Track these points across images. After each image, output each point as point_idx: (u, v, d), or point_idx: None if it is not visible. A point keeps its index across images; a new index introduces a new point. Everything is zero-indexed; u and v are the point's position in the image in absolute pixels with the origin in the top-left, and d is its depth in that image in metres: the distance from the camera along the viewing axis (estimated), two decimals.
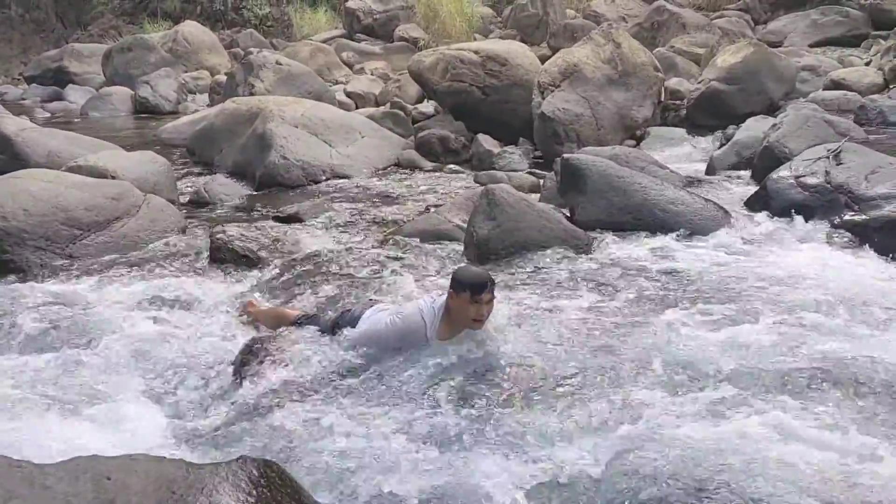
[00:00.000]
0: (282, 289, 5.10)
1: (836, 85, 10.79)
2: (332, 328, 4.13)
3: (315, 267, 5.46)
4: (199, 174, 9.06)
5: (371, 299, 4.60)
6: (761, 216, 6.01)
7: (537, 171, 8.44)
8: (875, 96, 9.75)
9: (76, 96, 15.97)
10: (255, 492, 2.35)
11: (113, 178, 7.03)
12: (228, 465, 2.41)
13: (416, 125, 10.80)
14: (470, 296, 3.77)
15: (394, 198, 7.68)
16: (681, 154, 9.06)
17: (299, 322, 4.28)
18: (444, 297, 3.91)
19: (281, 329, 4.26)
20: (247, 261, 5.61)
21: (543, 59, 10.60)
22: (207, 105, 14.17)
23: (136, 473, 2.30)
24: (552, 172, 7.00)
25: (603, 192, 6.04)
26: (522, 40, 14.61)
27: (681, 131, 9.75)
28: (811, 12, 15.01)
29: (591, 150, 7.41)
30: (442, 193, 7.77)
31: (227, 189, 8.16)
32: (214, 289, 5.13)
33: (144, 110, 14.59)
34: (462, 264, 5.10)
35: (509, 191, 5.74)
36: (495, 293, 3.89)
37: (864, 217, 5.52)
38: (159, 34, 18.48)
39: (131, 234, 6.18)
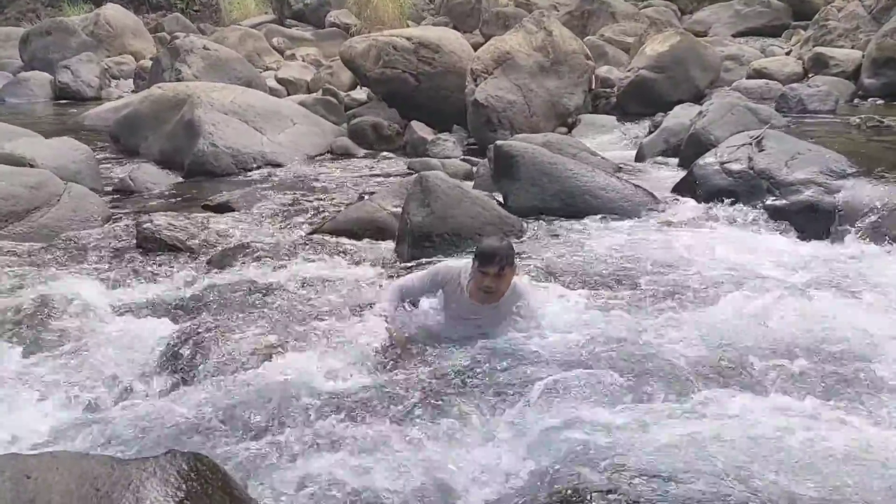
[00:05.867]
0: (211, 280, 4.98)
1: (759, 74, 11.12)
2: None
3: (247, 256, 5.35)
4: (124, 162, 8.78)
5: None
6: (689, 201, 6.16)
7: (471, 157, 8.47)
8: (795, 85, 10.08)
9: None
10: (184, 486, 2.28)
11: (31, 166, 6.76)
12: (156, 459, 2.34)
13: (348, 112, 10.71)
14: (478, 266, 3.74)
15: (327, 185, 7.60)
16: (611, 141, 9.22)
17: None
18: None
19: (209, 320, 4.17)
20: (175, 251, 5.46)
21: (476, 47, 10.63)
22: (132, 91, 13.75)
23: (57, 471, 2.21)
24: (486, 159, 7.03)
25: (535, 178, 6.10)
26: (455, 27, 14.61)
27: (611, 119, 9.93)
28: (735, 3, 15.47)
29: (524, 137, 7.47)
30: (375, 181, 7.72)
31: (154, 177, 7.93)
32: (140, 279, 4.97)
33: (65, 96, 14.08)
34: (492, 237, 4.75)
35: (443, 178, 5.74)
36: (508, 271, 3.79)
37: (784, 201, 5.72)
38: (80, 17, 17.82)
39: (51, 223, 5.96)
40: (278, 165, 8.42)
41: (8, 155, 6.92)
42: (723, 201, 5.94)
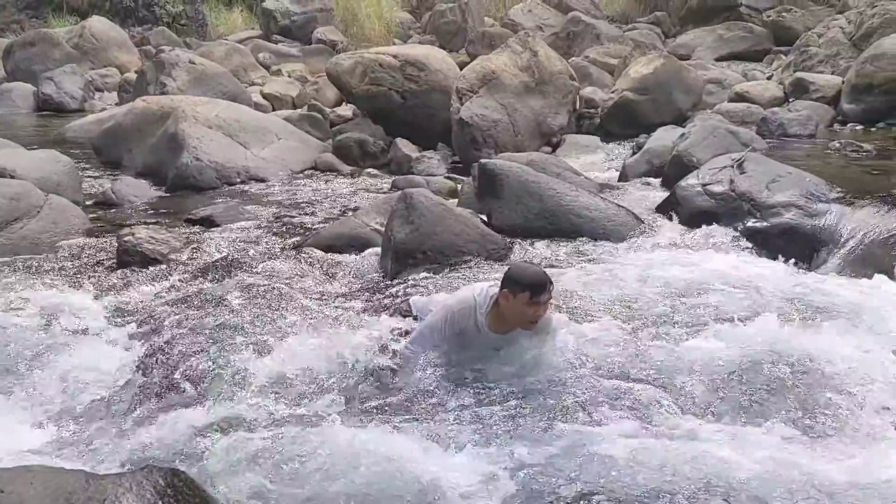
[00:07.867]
0: (192, 294, 4.95)
1: (740, 97, 11.26)
2: None
3: (229, 271, 5.32)
4: (107, 175, 8.73)
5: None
6: (671, 222, 6.21)
7: (455, 175, 8.50)
8: (776, 109, 10.21)
9: None
10: (160, 502, 2.27)
11: (12, 177, 6.70)
12: (133, 474, 2.32)
13: (334, 128, 10.71)
14: (529, 297, 3.63)
15: (311, 201, 7.59)
16: (595, 161, 9.28)
17: None
18: (497, 287, 3.78)
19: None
20: (156, 264, 5.43)
21: (462, 66, 10.69)
22: (116, 104, 13.69)
23: (32, 485, 2.19)
24: (470, 177, 7.05)
25: (519, 197, 6.13)
26: (441, 46, 14.68)
27: (595, 139, 10.00)
28: (717, 27, 15.68)
29: (508, 156, 7.50)
30: (360, 197, 7.72)
31: (137, 190, 7.88)
32: (120, 293, 4.93)
33: (48, 108, 14.00)
34: (519, 263, 4.85)
35: (427, 195, 5.75)
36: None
37: (765, 223, 5.78)
38: (65, 29, 17.75)
39: (31, 235, 5.91)
40: (262, 180, 8.40)
41: None
42: (704, 223, 5.99)
